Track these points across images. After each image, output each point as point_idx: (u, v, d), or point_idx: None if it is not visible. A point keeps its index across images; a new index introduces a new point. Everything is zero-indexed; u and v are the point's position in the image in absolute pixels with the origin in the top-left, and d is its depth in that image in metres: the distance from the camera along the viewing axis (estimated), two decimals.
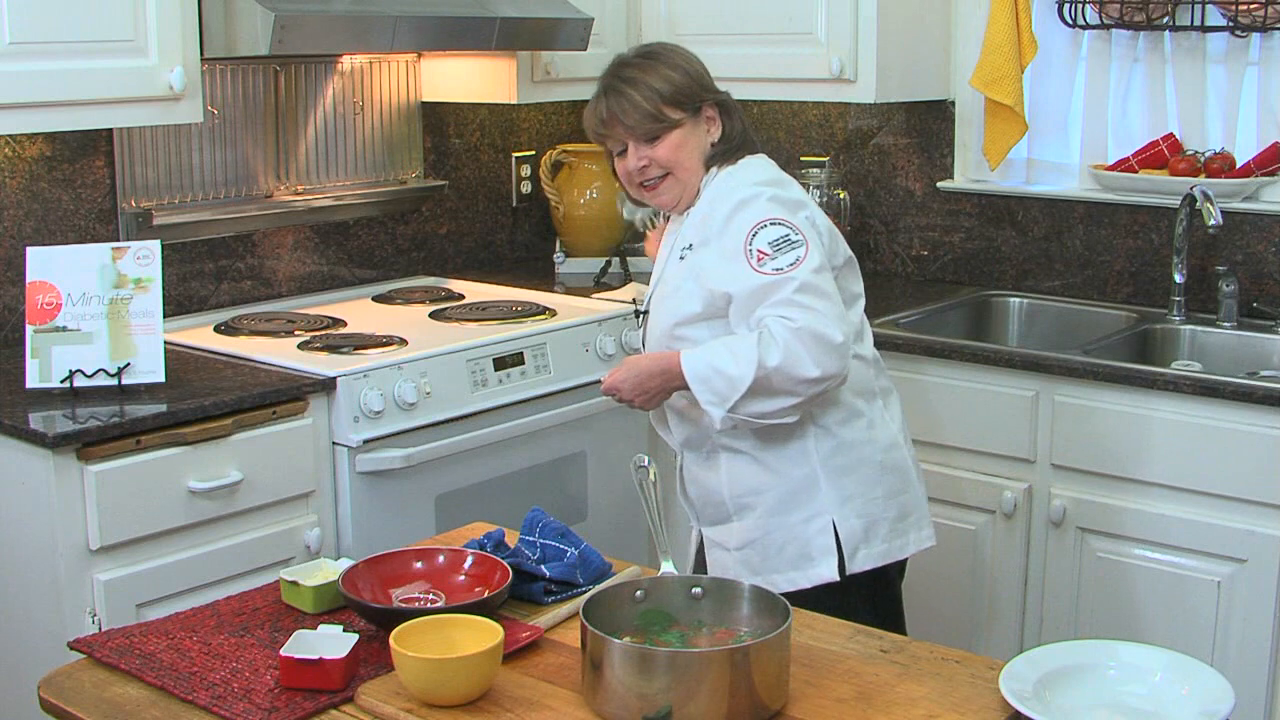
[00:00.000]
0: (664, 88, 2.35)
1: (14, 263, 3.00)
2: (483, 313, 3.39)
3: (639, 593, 1.79)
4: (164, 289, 2.78)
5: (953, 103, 3.75)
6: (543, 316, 3.34)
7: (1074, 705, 1.67)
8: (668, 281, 2.41)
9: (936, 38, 3.68)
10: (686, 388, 2.26)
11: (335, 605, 1.95)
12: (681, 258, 2.37)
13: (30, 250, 2.73)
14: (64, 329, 2.69)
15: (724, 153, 2.40)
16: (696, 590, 1.81)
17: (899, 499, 2.42)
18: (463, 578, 1.96)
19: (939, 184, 3.79)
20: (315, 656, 1.71)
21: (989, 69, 3.46)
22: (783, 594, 1.78)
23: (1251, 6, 3.22)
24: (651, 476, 1.96)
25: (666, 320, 2.38)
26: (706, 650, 1.65)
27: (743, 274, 2.23)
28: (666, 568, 1.88)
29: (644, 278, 3.74)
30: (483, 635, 1.70)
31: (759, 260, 2.22)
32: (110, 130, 3.15)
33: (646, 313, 2.46)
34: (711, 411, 2.23)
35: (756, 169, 2.40)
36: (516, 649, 1.80)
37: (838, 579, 2.34)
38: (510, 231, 4.13)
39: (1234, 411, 2.81)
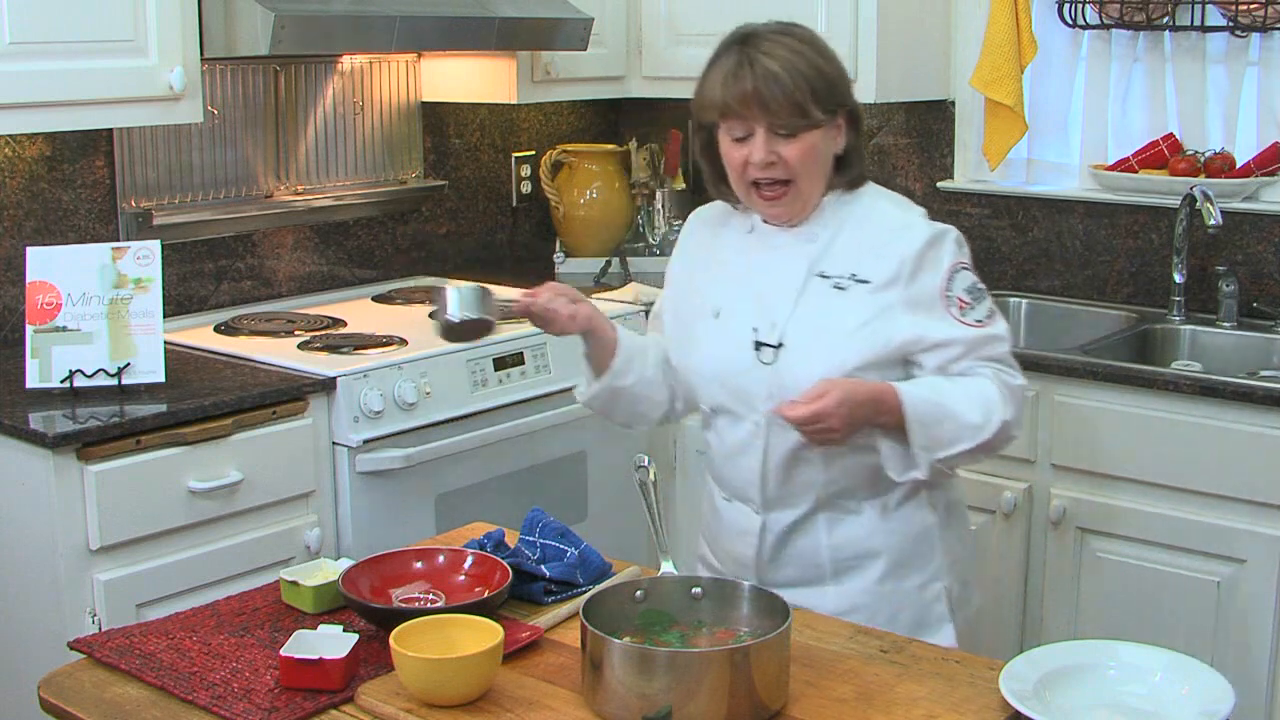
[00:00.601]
0: (815, 78, 2.01)
1: (14, 263, 3.00)
2: None
3: (639, 593, 1.79)
4: (164, 289, 2.77)
5: (953, 103, 3.75)
6: None
7: (1074, 705, 1.67)
8: (823, 312, 2.07)
9: (936, 38, 3.68)
10: (894, 425, 2.00)
11: (335, 605, 1.95)
12: (840, 287, 2.07)
13: (30, 250, 2.73)
14: (64, 329, 2.69)
15: (853, 178, 2.13)
16: (696, 590, 1.80)
17: (970, 558, 2.30)
18: (463, 578, 1.96)
19: (939, 184, 3.79)
20: (315, 656, 1.71)
21: (989, 69, 3.46)
22: None
23: (1251, 6, 3.22)
24: (651, 476, 1.95)
25: (847, 358, 2.03)
26: (706, 650, 1.65)
27: (949, 323, 2.05)
28: (666, 568, 1.88)
29: (645, 278, 3.74)
30: (483, 635, 1.70)
31: (961, 309, 2.06)
32: (110, 130, 3.15)
33: (779, 346, 2.07)
34: (919, 456, 2.01)
35: (901, 199, 2.19)
36: (516, 649, 1.80)
37: (955, 646, 2.11)
38: (510, 231, 4.13)
39: (1234, 411, 2.81)
